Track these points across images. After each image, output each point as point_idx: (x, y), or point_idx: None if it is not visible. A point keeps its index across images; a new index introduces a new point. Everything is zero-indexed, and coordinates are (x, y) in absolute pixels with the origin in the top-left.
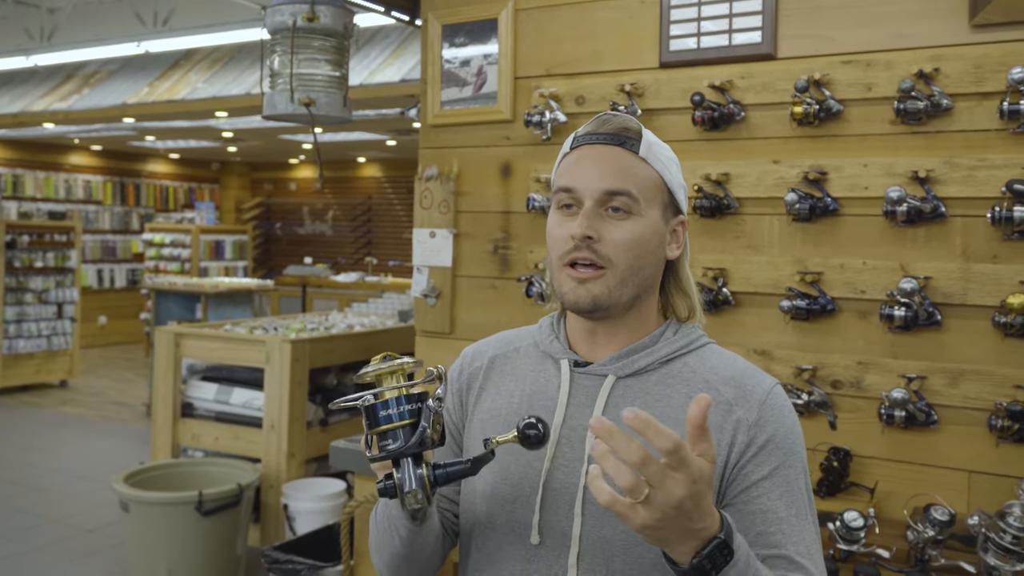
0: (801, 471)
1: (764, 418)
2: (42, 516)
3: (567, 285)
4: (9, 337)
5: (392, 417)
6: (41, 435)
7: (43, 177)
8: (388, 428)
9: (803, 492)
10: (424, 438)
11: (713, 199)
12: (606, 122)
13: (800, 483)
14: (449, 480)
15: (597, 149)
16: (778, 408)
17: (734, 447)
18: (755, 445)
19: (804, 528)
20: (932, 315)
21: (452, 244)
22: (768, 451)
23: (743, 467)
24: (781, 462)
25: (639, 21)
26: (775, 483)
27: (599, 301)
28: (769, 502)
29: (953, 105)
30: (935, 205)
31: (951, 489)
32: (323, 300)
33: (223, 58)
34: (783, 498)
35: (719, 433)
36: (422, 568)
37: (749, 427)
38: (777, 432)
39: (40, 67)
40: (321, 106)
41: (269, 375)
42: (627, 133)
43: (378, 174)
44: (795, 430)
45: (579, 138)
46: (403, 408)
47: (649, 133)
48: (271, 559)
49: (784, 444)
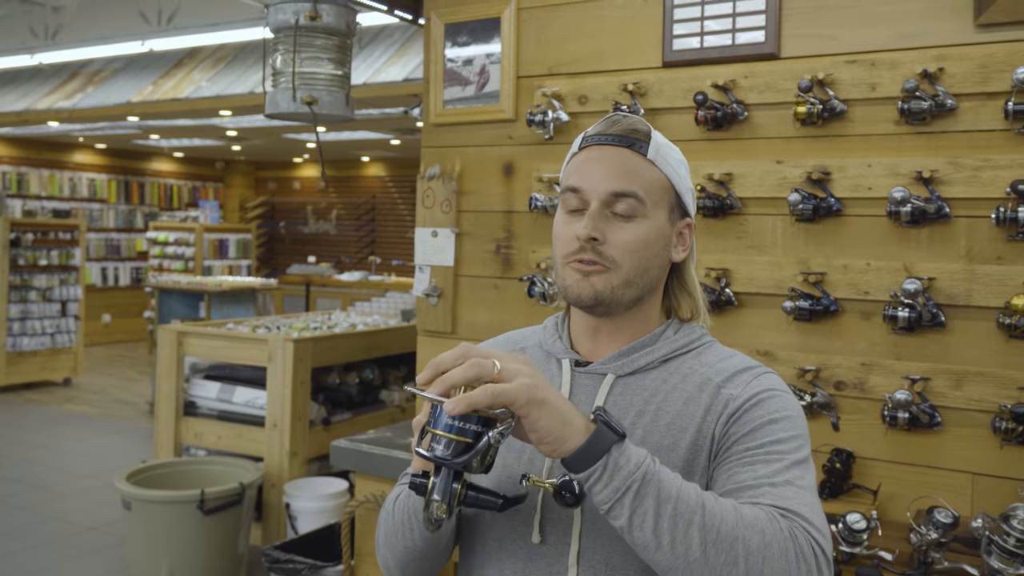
0: (793, 435)
1: (751, 390)
2: (44, 514)
3: (571, 278)
4: (13, 335)
5: (454, 429)
6: (44, 433)
7: (48, 175)
8: (446, 436)
9: (792, 454)
10: (469, 464)
11: (716, 199)
12: (615, 123)
13: (791, 443)
14: (476, 506)
15: (605, 150)
16: (768, 384)
17: (720, 418)
18: (741, 410)
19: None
20: (936, 316)
21: (454, 243)
22: (751, 412)
23: (728, 429)
24: (768, 419)
25: (642, 20)
26: (757, 436)
27: (601, 296)
28: (750, 454)
29: (958, 105)
30: (939, 206)
31: (955, 491)
32: (327, 299)
33: (227, 57)
34: (765, 448)
35: (706, 414)
36: (433, 563)
37: (736, 399)
38: (763, 398)
39: (45, 65)
40: (323, 105)
41: (271, 374)
42: (636, 135)
43: (382, 173)
44: (785, 398)
45: (588, 138)
46: (469, 426)
47: (659, 135)
48: (271, 558)
49: (771, 406)
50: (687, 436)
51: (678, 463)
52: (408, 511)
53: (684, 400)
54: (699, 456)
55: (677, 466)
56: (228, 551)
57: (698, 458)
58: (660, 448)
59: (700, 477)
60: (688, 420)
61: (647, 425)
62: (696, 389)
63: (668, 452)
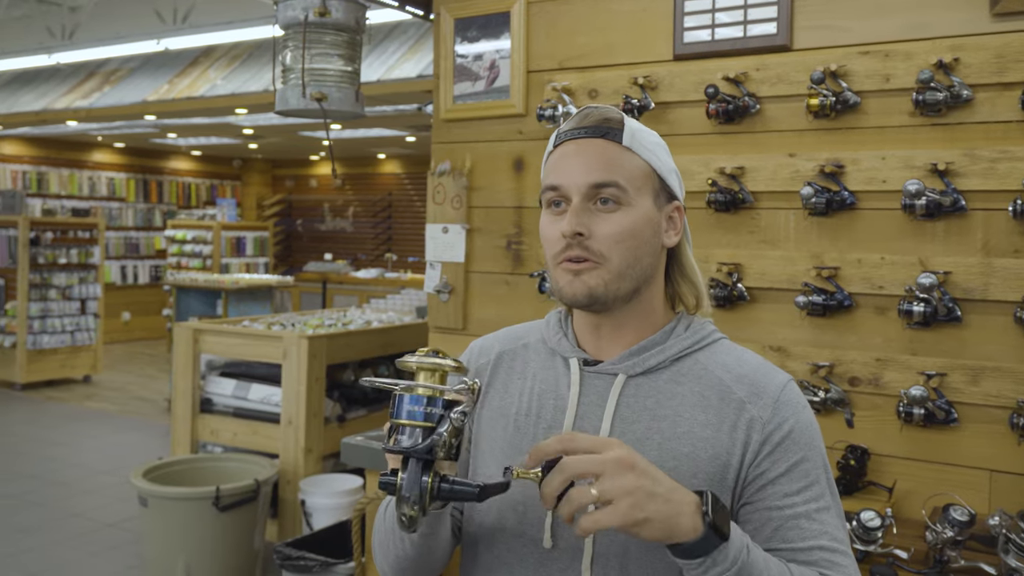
0: (821, 466)
1: (779, 415)
2: (63, 510)
3: (563, 280)
4: (33, 333)
5: (415, 415)
6: (64, 430)
7: (67, 175)
8: (406, 424)
9: (824, 486)
10: (434, 445)
11: (728, 193)
12: (587, 116)
13: (821, 477)
14: (452, 498)
15: (580, 144)
16: (792, 404)
17: (749, 446)
18: (771, 443)
19: (827, 520)
20: (952, 311)
21: (465, 239)
22: (785, 447)
23: (759, 465)
24: (800, 457)
25: (652, 13)
26: (793, 479)
27: (595, 293)
28: (787, 499)
29: (973, 96)
30: (955, 198)
31: (971, 488)
32: (344, 296)
33: (242, 55)
34: (801, 493)
35: (732, 432)
36: (429, 571)
37: (764, 424)
38: (794, 428)
39: (62, 65)
40: (333, 101)
41: (286, 371)
42: (609, 124)
43: (398, 170)
44: (811, 425)
45: (561, 135)
46: (429, 409)
47: (632, 121)
48: (283, 555)
49: (801, 439)
50: (708, 447)
51: (698, 472)
52: (394, 518)
53: (702, 407)
54: (727, 475)
55: (698, 474)
56: (244, 547)
57: (726, 477)
58: (679, 455)
59: (725, 494)
60: (709, 430)
61: (665, 431)
62: (716, 397)
63: (687, 459)
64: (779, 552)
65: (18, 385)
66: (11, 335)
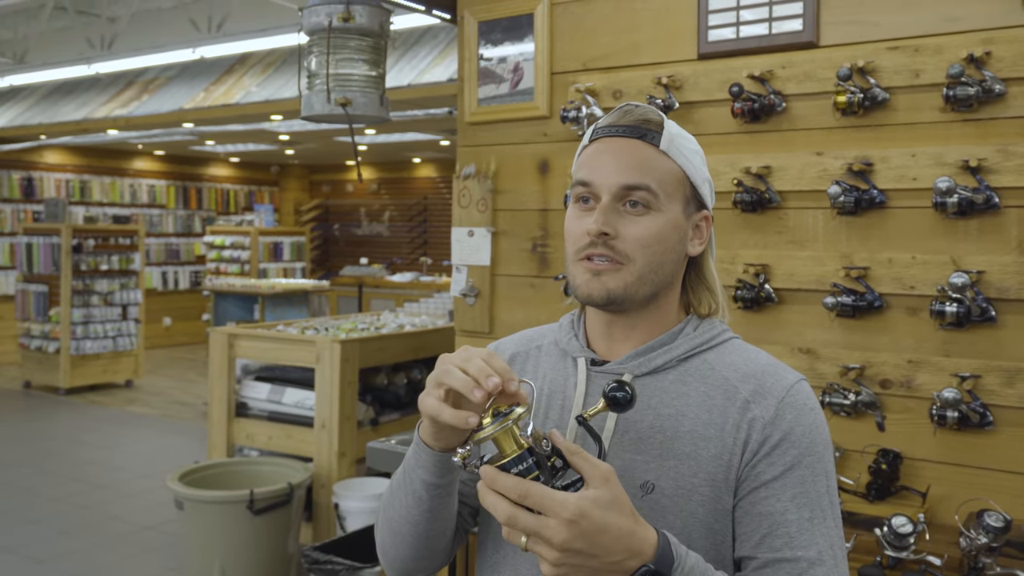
0: (821, 472)
1: (781, 415)
2: (104, 513)
3: (581, 277)
4: (76, 338)
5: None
6: (106, 433)
7: (109, 182)
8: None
9: (822, 494)
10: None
11: (754, 193)
12: (627, 113)
13: (818, 484)
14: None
15: (616, 142)
16: (797, 405)
17: (748, 445)
18: (768, 444)
19: (819, 531)
20: (986, 311)
21: (490, 243)
22: (782, 450)
23: (755, 466)
24: (796, 462)
25: (676, 12)
26: (787, 483)
27: (613, 295)
28: (779, 503)
29: (1006, 90)
30: (988, 196)
31: (1008, 493)
32: (380, 300)
33: (276, 62)
34: (795, 500)
35: (735, 432)
36: (429, 547)
37: (764, 425)
38: (793, 430)
39: (102, 75)
40: (358, 106)
41: (319, 375)
42: (648, 125)
43: (433, 174)
44: (816, 428)
45: (599, 130)
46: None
47: (672, 124)
48: (311, 559)
49: (801, 442)
50: (711, 447)
51: (699, 471)
52: (409, 473)
53: (707, 407)
54: (729, 475)
55: (698, 474)
56: (278, 550)
57: (728, 477)
58: (680, 454)
59: (725, 492)
60: (712, 429)
61: (667, 430)
62: (722, 397)
63: (688, 459)
64: (764, 561)
65: (62, 390)
66: (55, 340)
